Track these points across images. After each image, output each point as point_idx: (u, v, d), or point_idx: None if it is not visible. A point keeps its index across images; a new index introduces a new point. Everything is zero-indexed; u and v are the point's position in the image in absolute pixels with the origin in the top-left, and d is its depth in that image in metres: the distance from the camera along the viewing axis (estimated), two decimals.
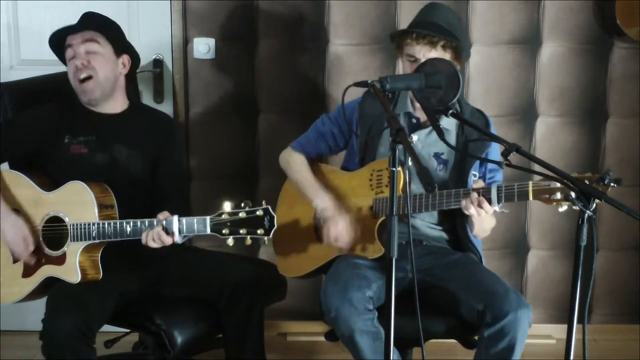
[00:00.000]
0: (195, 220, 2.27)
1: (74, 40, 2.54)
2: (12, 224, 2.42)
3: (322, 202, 2.57)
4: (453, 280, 2.45)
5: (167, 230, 2.29)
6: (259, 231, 2.19)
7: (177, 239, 2.30)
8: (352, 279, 2.39)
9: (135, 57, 2.64)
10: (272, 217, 2.18)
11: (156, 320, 2.47)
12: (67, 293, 2.36)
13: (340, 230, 2.50)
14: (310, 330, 3.42)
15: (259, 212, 2.19)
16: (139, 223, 2.33)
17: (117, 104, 2.61)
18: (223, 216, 2.22)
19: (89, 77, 2.51)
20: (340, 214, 2.52)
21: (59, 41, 2.58)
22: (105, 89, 2.55)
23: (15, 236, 2.41)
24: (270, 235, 2.20)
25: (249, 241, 2.21)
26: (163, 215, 2.32)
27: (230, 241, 2.21)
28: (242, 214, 2.20)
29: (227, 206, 2.22)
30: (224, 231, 2.21)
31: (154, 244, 2.31)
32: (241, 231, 2.19)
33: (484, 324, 2.33)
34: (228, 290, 2.50)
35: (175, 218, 2.30)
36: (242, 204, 2.21)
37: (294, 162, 2.73)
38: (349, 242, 2.51)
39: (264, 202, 2.21)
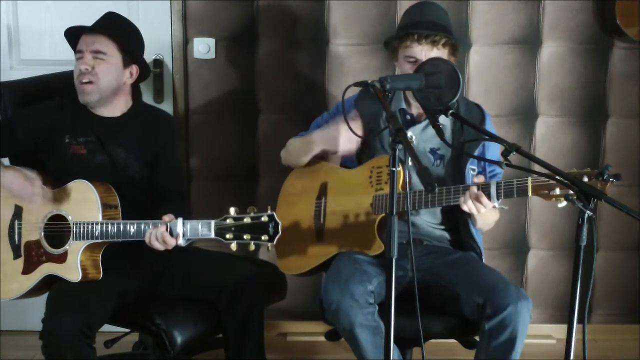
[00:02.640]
0: (199, 224, 2.26)
1: (85, 43, 2.51)
2: (11, 176, 2.43)
3: (317, 139, 2.59)
4: (453, 278, 2.45)
5: (171, 232, 2.29)
6: (263, 237, 2.18)
7: (181, 241, 2.30)
8: (353, 273, 2.39)
9: (144, 69, 2.62)
10: (276, 224, 2.18)
11: (156, 320, 2.47)
12: (67, 293, 2.37)
13: (337, 134, 2.52)
14: (310, 330, 3.42)
15: (264, 218, 2.18)
16: (142, 224, 2.33)
17: (116, 109, 2.59)
18: (227, 220, 2.21)
19: (90, 82, 2.50)
20: (335, 125, 2.54)
21: (74, 37, 2.57)
22: (104, 95, 2.53)
23: (18, 183, 2.41)
24: (274, 242, 2.19)
25: (252, 247, 2.21)
26: (168, 217, 2.31)
27: (233, 246, 2.21)
28: (246, 219, 2.19)
29: (232, 211, 2.21)
30: (227, 236, 2.21)
31: (157, 245, 2.31)
32: (245, 236, 2.19)
33: (484, 317, 2.33)
34: (228, 290, 2.50)
35: (180, 221, 2.29)
36: (247, 210, 2.21)
37: (291, 142, 2.73)
38: (351, 142, 2.53)
39: (269, 209, 2.21)
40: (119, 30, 2.56)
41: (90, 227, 2.36)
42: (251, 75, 3.31)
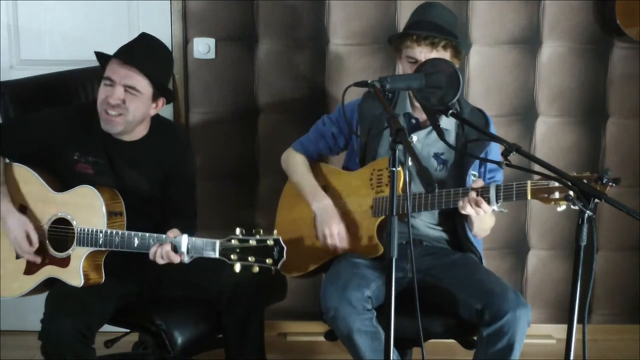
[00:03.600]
0: (204, 243, 2.25)
1: (117, 75, 2.41)
2: (16, 221, 2.42)
3: (320, 204, 2.58)
4: (452, 280, 2.45)
5: (175, 249, 2.28)
6: (267, 260, 2.16)
7: (185, 259, 2.29)
8: (351, 278, 2.39)
9: (170, 97, 2.56)
10: (281, 248, 2.15)
11: (156, 320, 2.47)
12: (66, 294, 2.36)
13: (334, 234, 2.52)
14: (310, 330, 3.42)
15: (270, 242, 2.16)
16: (147, 237, 2.31)
17: (135, 135, 2.54)
18: (233, 241, 2.19)
19: (119, 115, 2.43)
20: (336, 218, 2.53)
21: (106, 57, 2.48)
22: (129, 126, 2.47)
23: (19, 234, 2.40)
24: (279, 267, 2.17)
25: (255, 269, 2.18)
26: (173, 234, 2.30)
27: (237, 267, 2.18)
28: (252, 242, 2.17)
29: (238, 231, 2.20)
30: (232, 256, 2.18)
31: (161, 261, 2.31)
32: (249, 259, 2.17)
33: (482, 323, 2.33)
34: (228, 290, 2.50)
35: (185, 237, 2.28)
36: (253, 231, 2.19)
37: (295, 162, 2.74)
38: (342, 247, 2.53)
39: (275, 232, 2.20)
40: (153, 64, 2.45)
41: (94, 234, 2.35)
42: (251, 75, 3.31)
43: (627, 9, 3.15)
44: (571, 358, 1.91)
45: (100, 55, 2.49)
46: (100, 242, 2.34)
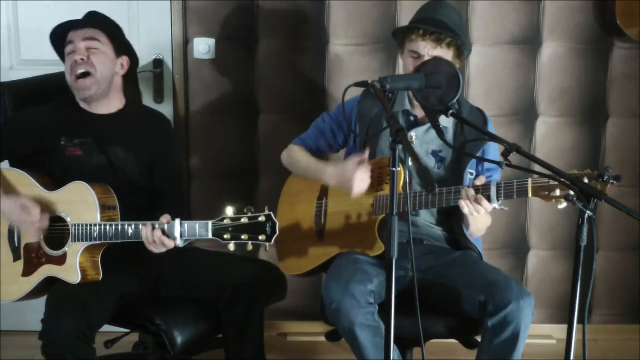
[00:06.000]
0: (197, 224, 2.27)
1: (75, 36, 2.54)
2: (9, 200, 2.41)
3: (329, 174, 2.57)
4: (454, 277, 2.45)
5: (168, 234, 2.29)
6: (260, 237, 2.19)
7: (179, 242, 2.30)
8: (354, 273, 2.39)
9: (134, 59, 2.65)
10: (274, 223, 2.18)
11: (156, 320, 2.47)
12: (66, 293, 2.36)
13: (357, 181, 2.44)
14: (310, 330, 3.42)
15: (261, 218, 2.19)
16: (140, 225, 2.33)
17: (111, 104, 2.61)
18: (225, 221, 2.21)
19: (87, 74, 2.51)
20: (350, 170, 2.46)
21: (60, 37, 2.59)
22: (101, 86, 2.54)
23: (15, 209, 2.40)
24: (272, 242, 2.19)
25: (249, 247, 2.21)
26: (165, 219, 2.31)
27: (231, 246, 2.21)
28: (244, 219, 2.19)
29: (229, 211, 2.22)
30: (225, 236, 2.21)
31: (155, 248, 2.31)
32: (242, 236, 2.19)
33: (486, 314, 2.33)
34: (228, 290, 2.50)
35: (177, 222, 2.29)
36: (245, 209, 2.21)
37: (295, 152, 2.74)
38: (364, 183, 2.45)
39: (266, 208, 2.21)
40: (104, 21, 2.60)
41: (88, 228, 2.36)
42: (251, 75, 3.31)
43: (627, 9, 3.15)
44: (571, 358, 1.92)
45: (55, 34, 2.61)
46: (95, 235, 2.35)
